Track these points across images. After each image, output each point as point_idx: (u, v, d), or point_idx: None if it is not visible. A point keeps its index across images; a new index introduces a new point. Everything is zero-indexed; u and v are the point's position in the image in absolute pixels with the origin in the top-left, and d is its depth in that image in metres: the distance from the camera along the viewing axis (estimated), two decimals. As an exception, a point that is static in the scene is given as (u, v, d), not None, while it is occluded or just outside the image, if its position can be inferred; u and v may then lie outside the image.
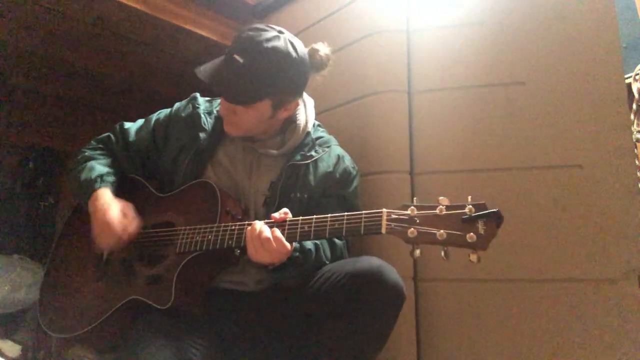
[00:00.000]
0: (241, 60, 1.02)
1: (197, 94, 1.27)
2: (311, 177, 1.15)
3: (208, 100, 1.26)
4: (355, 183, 1.21)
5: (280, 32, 1.07)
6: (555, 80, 1.29)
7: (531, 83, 1.31)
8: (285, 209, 1.00)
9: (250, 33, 1.05)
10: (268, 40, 1.04)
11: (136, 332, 0.98)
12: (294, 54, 1.05)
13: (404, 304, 0.97)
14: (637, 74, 1.73)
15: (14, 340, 1.91)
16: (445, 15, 1.45)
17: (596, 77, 1.25)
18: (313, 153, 1.17)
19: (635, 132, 1.68)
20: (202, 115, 1.20)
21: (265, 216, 1.11)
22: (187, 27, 1.82)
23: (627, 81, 1.68)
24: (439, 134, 1.39)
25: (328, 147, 1.21)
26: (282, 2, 1.87)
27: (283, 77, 1.06)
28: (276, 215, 0.98)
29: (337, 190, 1.17)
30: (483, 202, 0.82)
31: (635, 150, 1.33)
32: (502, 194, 1.28)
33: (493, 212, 0.80)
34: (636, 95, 1.71)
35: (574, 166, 1.23)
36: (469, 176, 1.33)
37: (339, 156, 1.21)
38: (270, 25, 1.09)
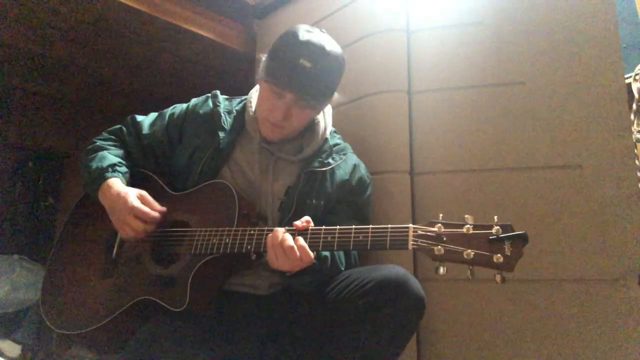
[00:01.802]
0: (309, 65, 1.03)
1: (218, 92, 1.25)
2: (328, 185, 1.14)
3: (227, 99, 1.25)
4: (368, 192, 1.21)
5: (322, 31, 1.11)
6: (555, 80, 1.29)
7: (531, 83, 1.31)
8: (307, 217, 0.98)
9: (308, 37, 1.06)
10: (326, 43, 1.07)
11: (145, 334, 0.96)
12: (343, 54, 1.12)
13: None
14: (637, 74, 1.73)
15: (14, 340, 1.91)
16: (445, 15, 1.45)
17: (596, 77, 1.25)
18: (330, 160, 1.16)
19: (635, 132, 1.68)
20: (223, 114, 1.18)
21: (280, 221, 1.10)
22: (187, 27, 1.82)
23: (627, 81, 1.68)
24: (439, 134, 1.39)
25: (344, 154, 1.21)
26: (282, 2, 1.87)
27: (339, 78, 1.13)
28: (298, 223, 0.97)
29: (351, 197, 1.18)
30: (509, 223, 0.82)
31: (635, 150, 1.33)
32: (502, 194, 1.28)
33: (520, 234, 0.81)
34: (636, 95, 1.71)
35: (574, 166, 1.23)
36: (469, 176, 1.33)
37: (355, 165, 1.21)
38: (304, 25, 1.11)
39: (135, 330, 1.00)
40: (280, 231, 0.95)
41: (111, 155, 1.16)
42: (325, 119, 1.22)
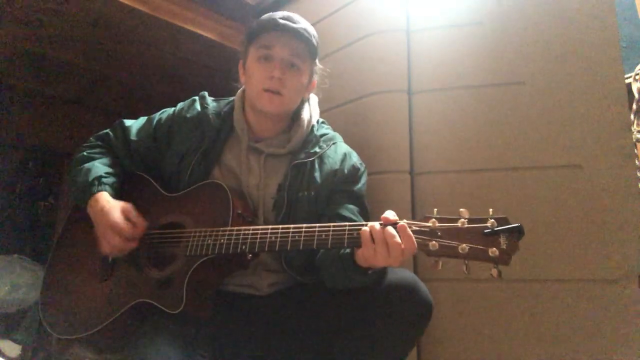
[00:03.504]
0: (290, 22, 1.12)
1: (206, 93, 1.25)
2: (317, 174, 1.13)
3: (215, 100, 1.24)
4: (363, 180, 1.19)
5: None
6: (555, 80, 1.29)
7: (531, 83, 1.31)
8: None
9: (283, 12, 1.15)
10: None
11: (143, 335, 0.96)
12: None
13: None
14: (637, 74, 1.73)
15: (14, 340, 1.91)
16: (445, 15, 1.45)
17: (596, 77, 1.25)
18: (317, 149, 1.15)
19: (635, 132, 1.68)
20: (210, 116, 1.18)
21: (275, 219, 1.10)
22: (187, 27, 1.82)
23: (627, 81, 1.68)
24: (439, 134, 1.39)
25: (334, 143, 1.20)
26: (282, 2, 1.87)
27: (318, 45, 1.18)
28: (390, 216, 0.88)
29: (345, 186, 1.15)
30: (505, 216, 0.81)
31: (635, 150, 1.33)
32: (502, 194, 1.28)
33: (515, 226, 0.79)
34: (636, 95, 1.71)
35: (574, 166, 1.23)
36: (469, 176, 1.33)
37: (345, 153, 1.19)
38: None
39: (134, 330, 1.00)
40: (377, 225, 0.87)
41: (98, 166, 1.15)
42: (311, 107, 1.23)
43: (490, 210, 0.82)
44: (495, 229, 0.80)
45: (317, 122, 1.24)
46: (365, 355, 0.97)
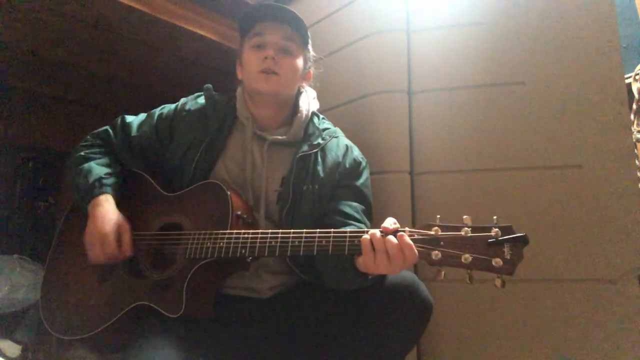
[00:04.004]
0: (283, 10, 1.15)
1: (210, 86, 1.25)
2: (320, 168, 1.13)
3: (219, 95, 1.25)
4: (365, 175, 1.19)
5: None
6: (555, 80, 1.29)
7: (531, 83, 1.31)
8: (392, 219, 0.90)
9: (268, 2, 1.18)
10: None
11: (143, 337, 0.95)
12: None
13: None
14: (637, 74, 1.73)
15: (14, 340, 1.91)
16: (445, 15, 1.45)
17: (596, 77, 1.25)
18: (320, 141, 1.16)
19: (635, 132, 1.68)
20: (215, 108, 1.18)
21: (279, 213, 1.10)
22: (187, 27, 1.82)
23: (627, 81, 1.68)
24: (439, 134, 1.39)
25: (336, 137, 1.21)
26: (282, 2, 1.87)
27: (307, 28, 1.21)
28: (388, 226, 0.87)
29: (349, 181, 1.15)
30: (509, 224, 0.80)
31: (635, 150, 1.33)
32: (502, 194, 1.28)
33: (520, 236, 0.78)
34: (636, 95, 1.71)
35: (574, 166, 1.23)
36: (469, 176, 1.33)
37: (347, 146, 1.20)
38: None
39: (134, 332, 0.99)
40: (378, 233, 0.86)
41: (97, 167, 1.14)
42: (309, 99, 1.23)
43: (495, 217, 0.81)
44: (500, 238, 0.78)
45: (319, 116, 1.25)
46: (366, 356, 0.97)
